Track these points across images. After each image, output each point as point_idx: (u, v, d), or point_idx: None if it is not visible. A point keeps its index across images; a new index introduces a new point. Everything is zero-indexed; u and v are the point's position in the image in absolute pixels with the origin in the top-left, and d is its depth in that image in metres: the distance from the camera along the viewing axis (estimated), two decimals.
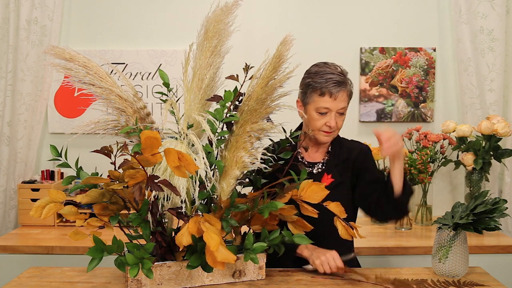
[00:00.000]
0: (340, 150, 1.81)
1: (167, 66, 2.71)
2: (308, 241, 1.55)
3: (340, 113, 1.70)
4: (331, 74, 1.67)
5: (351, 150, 1.81)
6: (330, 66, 1.71)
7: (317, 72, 1.69)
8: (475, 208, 1.60)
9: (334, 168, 1.77)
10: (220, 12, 1.62)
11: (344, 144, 1.83)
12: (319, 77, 1.67)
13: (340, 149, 1.81)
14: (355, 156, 1.79)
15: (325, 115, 1.69)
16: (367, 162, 1.81)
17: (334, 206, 1.53)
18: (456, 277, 1.64)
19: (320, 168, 1.79)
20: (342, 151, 1.81)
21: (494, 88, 2.60)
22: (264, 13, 2.72)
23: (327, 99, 1.66)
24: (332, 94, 1.66)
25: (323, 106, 1.67)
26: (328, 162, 1.79)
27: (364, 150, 1.83)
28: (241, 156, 1.55)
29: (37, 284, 1.58)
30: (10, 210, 2.69)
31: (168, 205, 1.51)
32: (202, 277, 1.55)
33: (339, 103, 1.67)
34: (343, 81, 1.67)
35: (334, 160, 1.79)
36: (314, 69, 1.72)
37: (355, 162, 1.79)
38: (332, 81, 1.66)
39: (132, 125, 1.55)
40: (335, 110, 1.68)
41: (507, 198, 2.54)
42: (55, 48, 1.55)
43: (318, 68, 1.71)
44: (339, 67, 1.72)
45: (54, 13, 2.63)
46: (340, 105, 1.68)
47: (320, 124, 1.70)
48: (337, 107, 1.68)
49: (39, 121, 2.69)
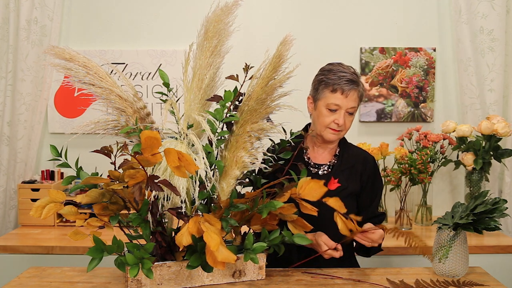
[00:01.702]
0: (348, 155, 1.81)
1: (167, 66, 2.71)
2: (308, 241, 1.55)
3: (349, 113, 1.71)
4: (344, 72, 1.69)
5: (358, 157, 1.82)
6: (343, 66, 1.73)
7: (331, 70, 1.71)
8: (475, 208, 1.60)
9: (341, 173, 1.78)
10: (220, 12, 1.62)
11: (352, 150, 1.84)
12: (332, 74, 1.69)
13: (348, 154, 1.81)
14: (363, 167, 1.81)
15: (334, 112, 1.70)
16: (374, 177, 1.83)
17: (333, 201, 1.52)
18: (456, 277, 1.64)
19: (326, 170, 1.79)
20: (350, 157, 1.81)
21: (494, 88, 2.60)
22: (264, 13, 2.72)
23: (339, 95, 1.67)
24: (344, 91, 1.67)
25: (334, 102, 1.68)
26: (335, 165, 1.80)
27: (372, 162, 1.84)
28: (241, 156, 1.55)
29: (37, 284, 1.58)
30: (10, 210, 2.69)
31: (168, 205, 1.51)
32: (202, 277, 1.55)
33: (349, 101, 1.68)
34: (355, 81, 1.69)
35: (342, 165, 1.79)
36: (328, 67, 1.74)
37: (363, 173, 1.80)
38: (345, 79, 1.67)
39: (132, 125, 1.55)
40: (345, 108, 1.69)
41: (507, 198, 2.54)
42: (55, 48, 1.55)
43: (332, 66, 1.73)
44: (353, 68, 1.73)
45: (54, 13, 2.63)
46: (350, 104, 1.69)
47: (328, 121, 1.70)
48: (347, 105, 1.68)
49: (39, 121, 2.69)
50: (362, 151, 1.87)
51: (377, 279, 1.63)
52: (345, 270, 1.70)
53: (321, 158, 1.81)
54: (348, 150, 1.82)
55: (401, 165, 2.50)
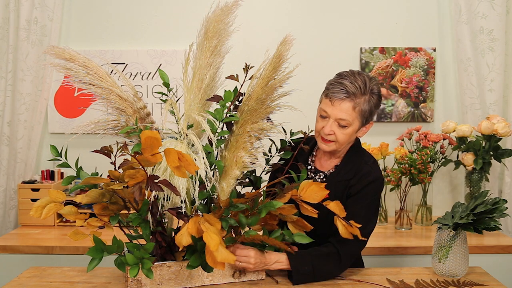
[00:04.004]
0: (350, 168, 1.68)
1: (167, 66, 2.71)
2: (308, 240, 1.55)
3: (341, 125, 1.59)
4: (350, 83, 1.57)
5: (359, 172, 1.66)
6: (355, 76, 1.59)
7: (340, 75, 1.62)
8: (475, 208, 1.60)
9: (334, 184, 1.65)
10: (220, 12, 1.62)
11: (357, 163, 1.68)
12: (336, 80, 1.61)
13: (350, 168, 1.67)
14: (357, 180, 1.65)
15: (324, 119, 1.62)
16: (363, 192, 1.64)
17: (334, 205, 1.53)
18: (456, 277, 1.64)
19: (321, 179, 1.71)
20: (351, 169, 1.67)
21: (494, 88, 2.60)
22: (264, 13, 2.72)
23: (328, 102, 1.59)
24: (333, 99, 1.57)
25: (323, 108, 1.61)
26: (331, 175, 1.69)
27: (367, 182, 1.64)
28: (241, 156, 1.55)
29: (37, 284, 1.58)
30: (10, 210, 2.69)
31: (168, 205, 1.51)
32: (202, 277, 1.55)
33: (338, 111, 1.57)
34: (353, 93, 1.56)
35: (338, 176, 1.67)
36: (342, 73, 1.63)
37: (353, 186, 1.65)
38: (341, 88, 1.57)
39: (132, 125, 1.55)
40: (333, 117, 1.58)
41: (507, 198, 2.54)
42: (55, 48, 1.55)
43: (346, 72, 1.62)
44: (364, 81, 1.58)
45: (54, 13, 2.63)
46: (338, 115, 1.57)
47: (318, 127, 1.64)
48: (335, 115, 1.58)
49: (39, 121, 2.69)
50: (367, 167, 1.67)
51: (377, 279, 1.63)
52: (345, 270, 1.70)
53: (325, 165, 1.73)
54: (352, 163, 1.68)
55: (401, 165, 2.50)
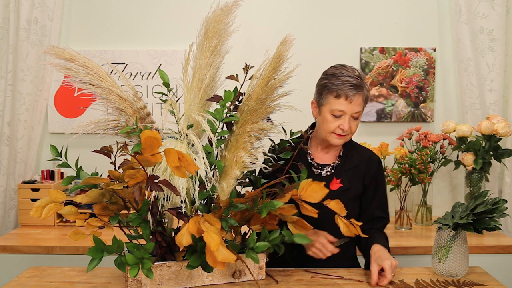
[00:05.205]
0: (352, 155, 1.79)
1: (167, 66, 2.71)
2: (309, 240, 1.55)
3: (354, 117, 1.68)
4: (348, 76, 1.64)
5: (363, 157, 1.80)
6: (347, 69, 1.68)
7: (334, 74, 1.67)
8: (475, 208, 1.60)
9: (344, 173, 1.76)
10: (220, 12, 1.62)
11: (356, 150, 1.81)
12: (336, 79, 1.65)
13: (352, 155, 1.79)
14: (367, 167, 1.78)
15: (339, 117, 1.67)
16: (377, 178, 1.80)
17: (334, 204, 1.52)
18: (456, 277, 1.64)
19: (330, 171, 1.78)
20: (354, 157, 1.79)
21: (494, 88, 2.60)
22: (264, 13, 2.72)
23: (343, 101, 1.64)
24: (348, 97, 1.63)
25: (338, 108, 1.65)
26: (338, 166, 1.78)
27: (376, 163, 1.81)
28: (241, 156, 1.55)
29: (37, 284, 1.58)
30: (10, 210, 2.69)
31: (168, 205, 1.51)
32: (202, 277, 1.55)
33: (354, 106, 1.65)
34: (360, 85, 1.65)
35: (345, 165, 1.77)
36: (332, 71, 1.69)
37: (366, 173, 1.78)
38: (349, 84, 1.63)
39: (132, 125, 1.55)
40: (350, 113, 1.66)
41: (507, 198, 2.54)
42: (55, 48, 1.55)
43: (336, 70, 1.68)
44: (357, 71, 1.68)
45: (54, 13, 2.63)
46: (355, 109, 1.65)
47: (333, 127, 1.68)
48: (352, 111, 1.65)
49: (39, 121, 2.69)
50: (368, 151, 1.84)
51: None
52: (345, 270, 1.70)
53: (325, 159, 1.80)
54: (353, 151, 1.80)
55: (401, 165, 2.50)
